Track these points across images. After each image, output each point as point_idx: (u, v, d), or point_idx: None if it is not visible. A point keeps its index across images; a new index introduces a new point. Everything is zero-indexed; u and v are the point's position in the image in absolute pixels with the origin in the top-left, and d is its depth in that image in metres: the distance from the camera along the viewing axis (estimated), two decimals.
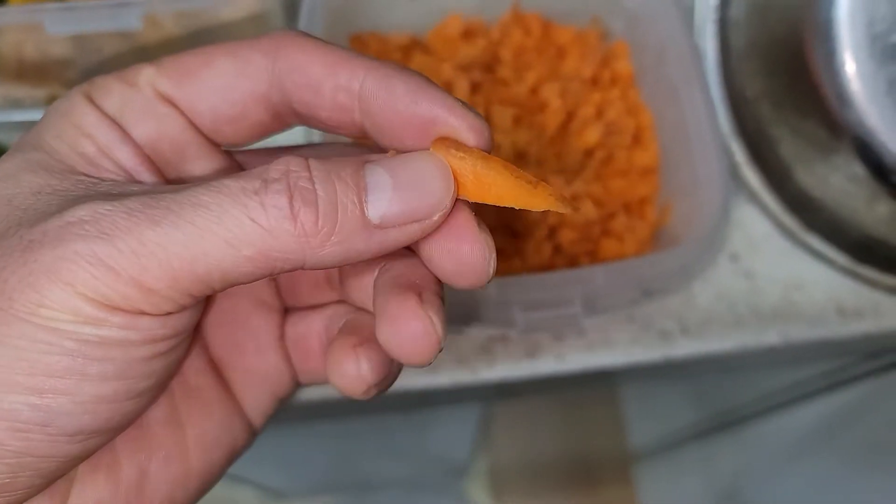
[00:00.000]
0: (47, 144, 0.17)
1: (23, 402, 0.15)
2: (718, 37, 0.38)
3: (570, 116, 0.38)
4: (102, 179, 0.17)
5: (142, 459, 0.18)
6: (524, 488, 0.97)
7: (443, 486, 0.98)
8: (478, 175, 0.16)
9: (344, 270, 0.20)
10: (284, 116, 0.18)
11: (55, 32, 0.33)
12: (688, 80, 0.34)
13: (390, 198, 0.15)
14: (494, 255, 0.17)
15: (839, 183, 0.37)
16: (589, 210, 0.36)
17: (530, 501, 0.97)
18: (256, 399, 0.21)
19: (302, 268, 0.15)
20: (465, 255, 0.16)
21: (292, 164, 0.15)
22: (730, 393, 0.67)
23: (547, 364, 0.36)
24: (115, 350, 0.15)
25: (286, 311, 0.22)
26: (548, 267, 0.35)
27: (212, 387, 0.20)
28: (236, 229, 0.15)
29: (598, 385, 0.72)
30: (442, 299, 0.17)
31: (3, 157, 0.17)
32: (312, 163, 0.15)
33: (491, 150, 0.17)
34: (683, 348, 0.37)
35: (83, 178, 0.16)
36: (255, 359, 0.21)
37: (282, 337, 0.21)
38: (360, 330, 0.19)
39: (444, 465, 0.95)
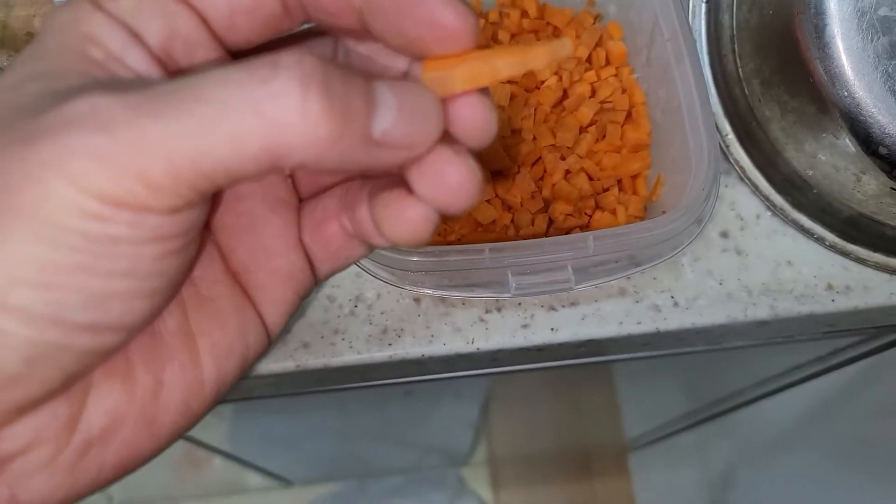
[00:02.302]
0: (53, 54, 0.16)
1: (34, 297, 0.15)
2: (709, 17, 0.39)
3: (565, 94, 0.39)
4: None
5: (156, 368, 0.18)
6: (522, 477, 0.98)
7: (443, 475, 0.99)
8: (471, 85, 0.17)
9: None
10: (294, 11, 0.18)
11: None
12: (679, 58, 0.35)
13: (394, 117, 0.16)
14: (495, 114, 0.18)
15: (828, 160, 0.38)
16: (583, 184, 0.37)
17: (528, 490, 0.98)
18: (280, 299, 0.21)
19: (301, 166, 0.15)
20: (467, 116, 0.17)
21: (306, 57, 0.15)
22: (722, 382, 0.68)
23: (541, 334, 0.37)
24: (124, 247, 0.15)
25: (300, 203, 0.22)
26: None
27: (226, 297, 0.20)
28: (240, 125, 0.14)
29: (594, 374, 0.73)
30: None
31: (6, 69, 0.16)
32: (328, 61, 0.15)
33: (476, 36, 0.17)
34: (675, 321, 0.38)
35: (89, 76, 0.16)
36: (279, 259, 0.20)
37: (300, 233, 0.21)
38: (392, 188, 0.19)
39: (444, 455, 0.96)
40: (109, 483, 0.19)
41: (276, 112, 0.14)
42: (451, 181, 0.17)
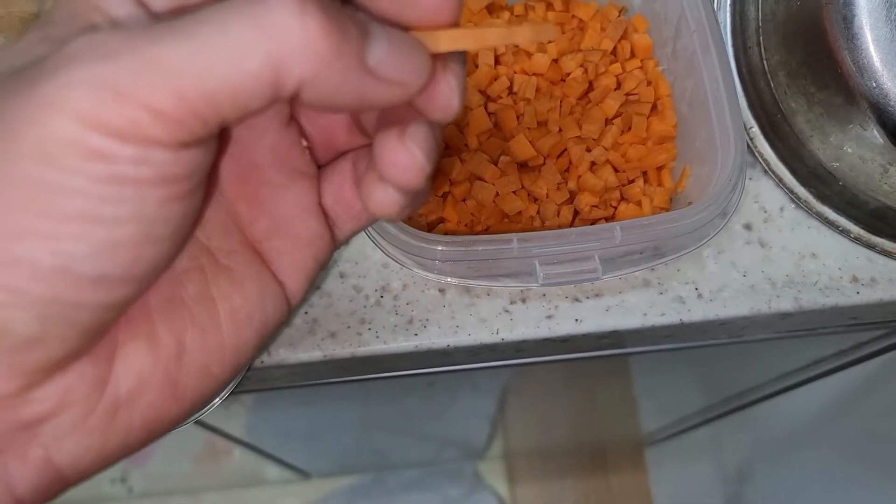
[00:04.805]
0: (61, 23, 0.17)
1: (39, 248, 0.15)
2: (734, 9, 0.39)
3: (590, 86, 0.39)
4: None
5: (178, 331, 0.19)
6: (538, 472, 0.98)
7: (459, 469, 1.00)
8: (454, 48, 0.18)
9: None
10: None
11: None
12: (706, 50, 0.35)
13: (386, 50, 0.16)
14: (462, 87, 0.18)
15: (855, 151, 0.37)
16: (608, 176, 0.37)
17: (544, 485, 0.98)
18: (301, 266, 0.21)
19: (299, 93, 0.15)
20: (433, 91, 0.18)
21: None
22: (741, 377, 0.68)
23: (566, 325, 0.37)
24: (128, 189, 0.15)
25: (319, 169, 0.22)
26: None
27: (245, 266, 0.20)
28: (241, 39, 0.14)
29: (612, 368, 0.73)
30: (430, 130, 0.19)
31: (22, 37, 0.17)
32: None
33: (459, 13, 0.18)
34: (699, 313, 0.38)
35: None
36: (299, 226, 0.21)
37: (320, 202, 0.22)
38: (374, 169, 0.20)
39: (460, 449, 0.97)
40: (138, 447, 0.19)
41: (275, 25, 0.15)
42: (401, 163, 0.18)
